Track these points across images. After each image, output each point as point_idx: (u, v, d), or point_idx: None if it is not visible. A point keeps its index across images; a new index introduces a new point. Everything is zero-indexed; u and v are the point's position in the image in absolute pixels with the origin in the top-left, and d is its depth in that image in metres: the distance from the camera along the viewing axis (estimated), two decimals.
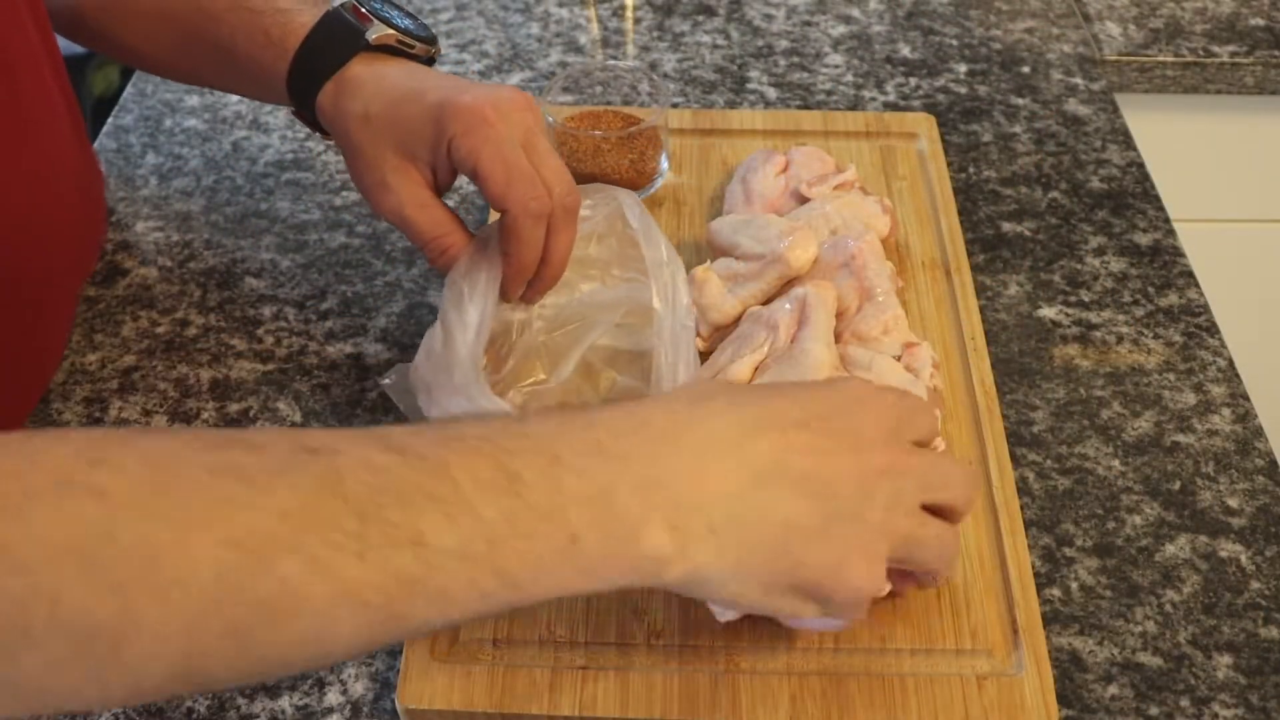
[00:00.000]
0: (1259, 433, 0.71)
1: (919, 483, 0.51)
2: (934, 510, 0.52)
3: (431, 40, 0.70)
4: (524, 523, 0.42)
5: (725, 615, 0.57)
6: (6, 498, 0.37)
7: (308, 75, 0.68)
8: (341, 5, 0.69)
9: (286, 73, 0.68)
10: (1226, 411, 0.72)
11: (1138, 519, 0.66)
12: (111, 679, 0.38)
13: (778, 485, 0.47)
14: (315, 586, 0.39)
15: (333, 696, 0.59)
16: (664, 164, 0.83)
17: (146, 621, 0.38)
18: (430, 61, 0.70)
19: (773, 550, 0.47)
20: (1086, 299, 0.80)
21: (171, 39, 0.74)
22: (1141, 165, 0.91)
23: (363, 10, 0.68)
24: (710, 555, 0.46)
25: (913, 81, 1.00)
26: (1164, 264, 0.83)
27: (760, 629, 0.58)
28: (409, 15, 0.70)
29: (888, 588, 0.51)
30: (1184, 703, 0.58)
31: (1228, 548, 0.65)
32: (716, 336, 0.71)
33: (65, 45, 0.79)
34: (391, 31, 0.68)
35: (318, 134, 0.72)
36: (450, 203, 0.86)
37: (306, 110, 0.69)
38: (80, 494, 0.38)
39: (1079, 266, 0.82)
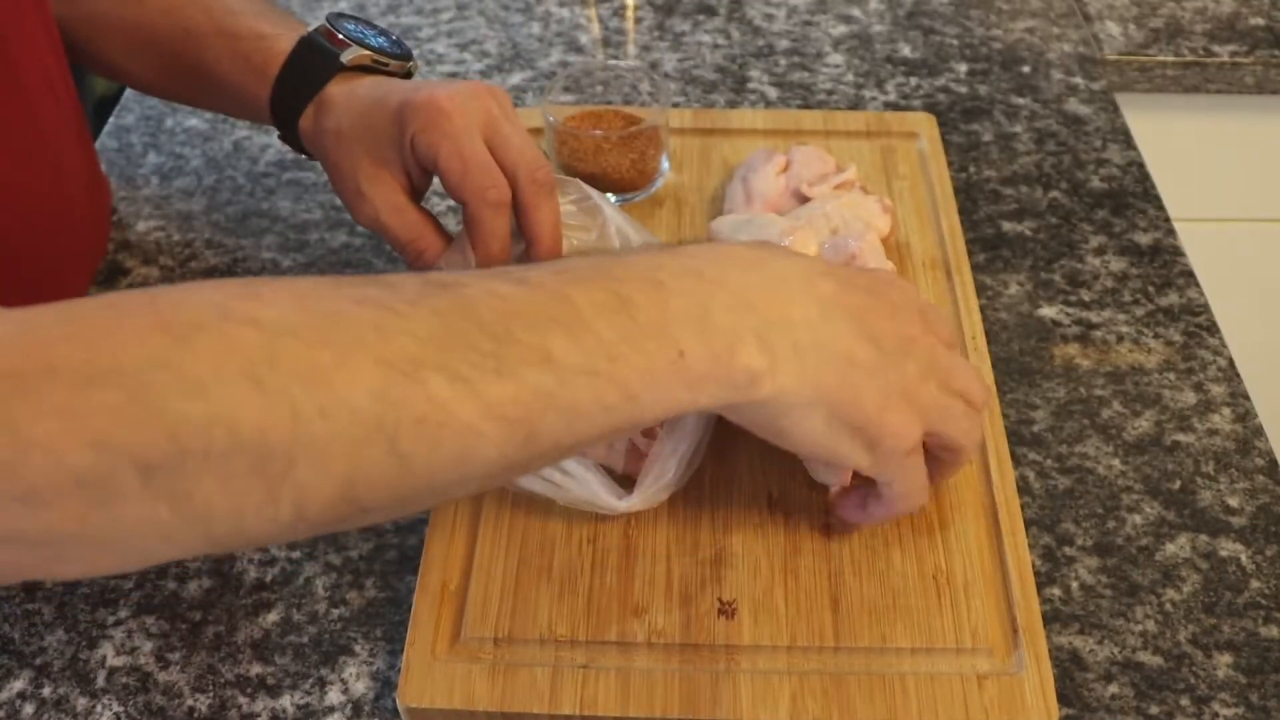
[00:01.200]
0: (1259, 432, 0.71)
1: (945, 364, 0.55)
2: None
3: (406, 56, 0.70)
4: (637, 340, 0.46)
5: (825, 476, 0.60)
6: (172, 327, 0.39)
7: (288, 101, 0.69)
8: (316, 30, 0.69)
9: (269, 100, 0.69)
10: (1227, 411, 0.72)
11: (1138, 518, 0.66)
12: (284, 498, 0.40)
13: (841, 321, 0.51)
14: (462, 402, 0.42)
15: (334, 695, 0.59)
16: (665, 164, 0.83)
17: (316, 439, 0.40)
18: (407, 76, 0.71)
19: (839, 379, 0.51)
20: (1087, 298, 0.80)
21: (156, 61, 0.75)
22: (1142, 165, 0.91)
23: (337, 34, 0.68)
24: (793, 375, 0.49)
25: (913, 81, 1.00)
26: (1164, 263, 0.83)
27: (761, 628, 0.58)
28: (383, 33, 0.71)
29: (920, 445, 0.55)
30: (1184, 702, 0.58)
31: (1228, 547, 0.65)
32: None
33: None
34: (366, 52, 0.68)
35: (303, 155, 0.72)
36: (446, 205, 0.86)
37: (290, 134, 0.70)
38: (241, 323, 0.40)
39: (1079, 266, 0.82)
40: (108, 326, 0.40)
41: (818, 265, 0.53)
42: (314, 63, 0.68)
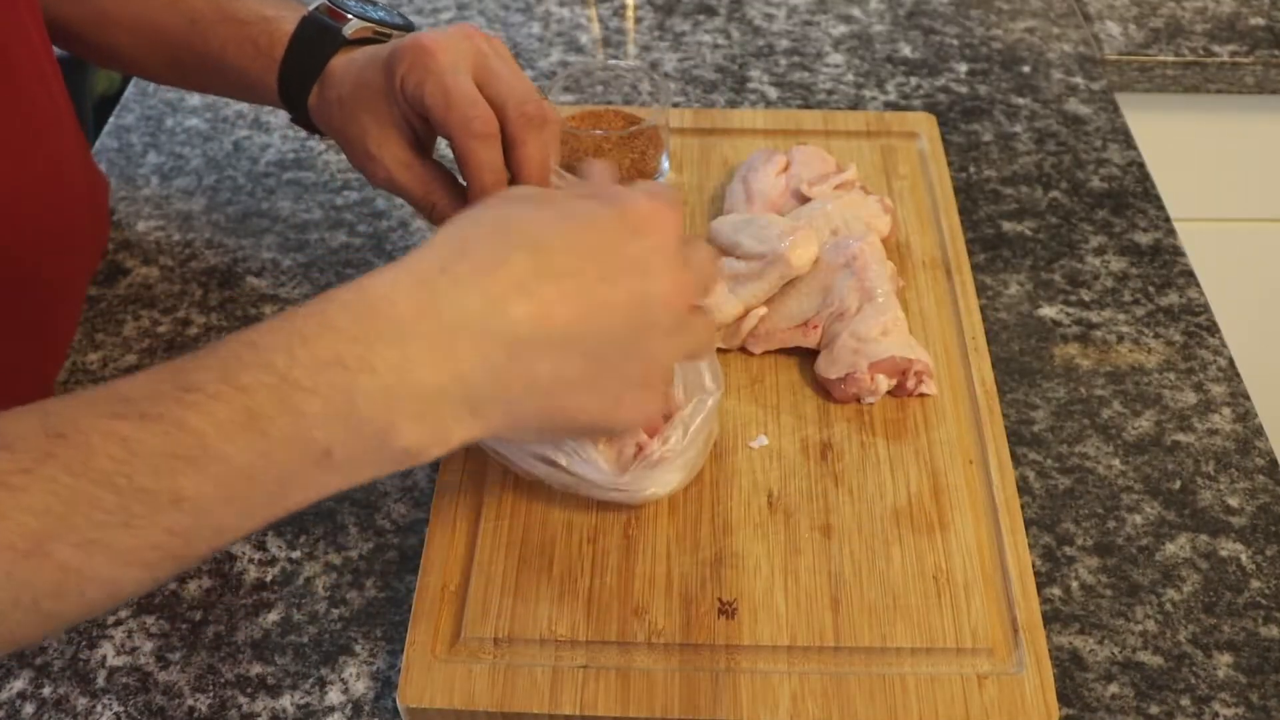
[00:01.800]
0: (1259, 432, 0.71)
1: (677, 288, 0.50)
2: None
3: (408, 28, 0.70)
4: (276, 454, 0.43)
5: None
6: None
7: (295, 81, 0.69)
8: (317, 7, 0.69)
9: (276, 80, 0.69)
10: (1227, 411, 0.72)
11: (1138, 518, 0.66)
12: None
13: (538, 350, 0.47)
14: (95, 561, 0.41)
15: (334, 695, 0.59)
16: (665, 163, 0.83)
17: None
18: None
19: (542, 409, 0.48)
20: (1087, 298, 0.80)
21: (161, 50, 0.74)
22: (1142, 165, 0.91)
23: (336, 9, 0.68)
24: (475, 430, 0.47)
25: (913, 81, 1.00)
26: (1164, 263, 0.83)
27: (761, 628, 0.58)
28: (383, 8, 0.71)
29: (673, 405, 0.54)
30: (1184, 701, 0.58)
31: (1228, 547, 0.65)
32: (718, 336, 0.71)
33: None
34: (367, 24, 0.68)
35: (317, 135, 0.72)
36: None
37: (301, 115, 0.70)
38: None
39: (1079, 266, 0.82)
40: None
41: (522, 276, 0.47)
42: (317, 39, 0.68)
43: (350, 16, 0.68)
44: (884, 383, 0.67)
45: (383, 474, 0.46)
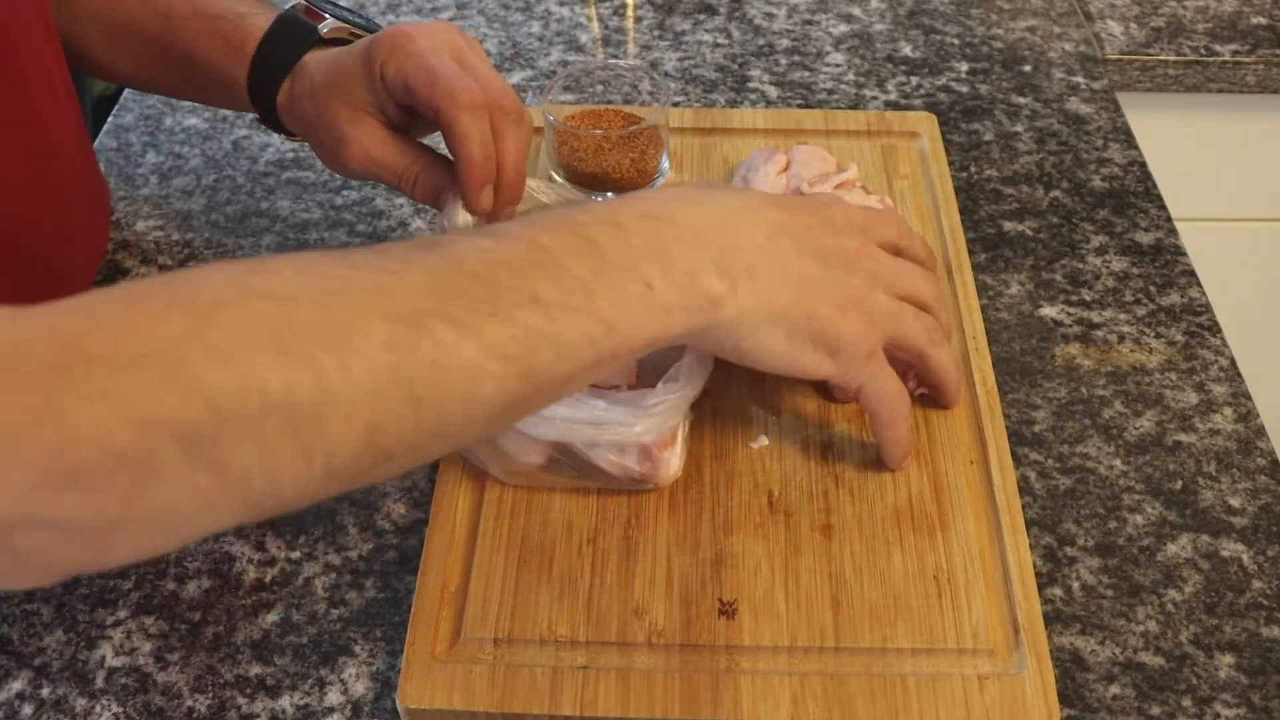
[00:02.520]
0: (1260, 432, 0.71)
1: (890, 272, 0.60)
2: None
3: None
4: (609, 276, 0.49)
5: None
6: (194, 306, 0.41)
7: (265, 78, 0.69)
8: (294, 6, 0.69)
9: (246, 77, 0.69)
10: (1228, 411, 0.72)
11: (1139, 518, 0.66)
12: (315, 454, 0.42)
13: (787, 243, 0.55)
14: (465, 345, 0.45)
15: (333, 696, 0.59)
16: (665, 163, 0.82)
17: (339, 395, 0.42)
18: None
19: (793, 297, 0.55)
20: (1088, 298, 0.80)
21: (135, 51, 0.75)
22: (1143, 164, 0.91)
23: (313, 8, 0.69)
24: (751, 295, 0.53)
25: (914, 80, 1.00)
26: (1165, 263, 0.82)
27: (761, 629, 0.58)
28: (360, 15, 0.72)
29: (879, 349, 0.59)
30: (1186, 702, 0.58)
31: (1229, 547, 0.65)
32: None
33: None
34: (344, 25, 0.69)
35: (283, 135, 0.72)
36: None
37: (269, 113, 0.70)
38: (256, 296, 0.42)
39: (1080, 265, 0.82)
40: (132, 312, 0.41)
41: (759, 196, 0.58)
42: (292, 36, 0.69)
43: (327, 16, 0.69)
44: None
45: (689, 325, 0.52)
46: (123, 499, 0.40)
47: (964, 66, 1.02)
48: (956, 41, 1.05)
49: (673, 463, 0.62)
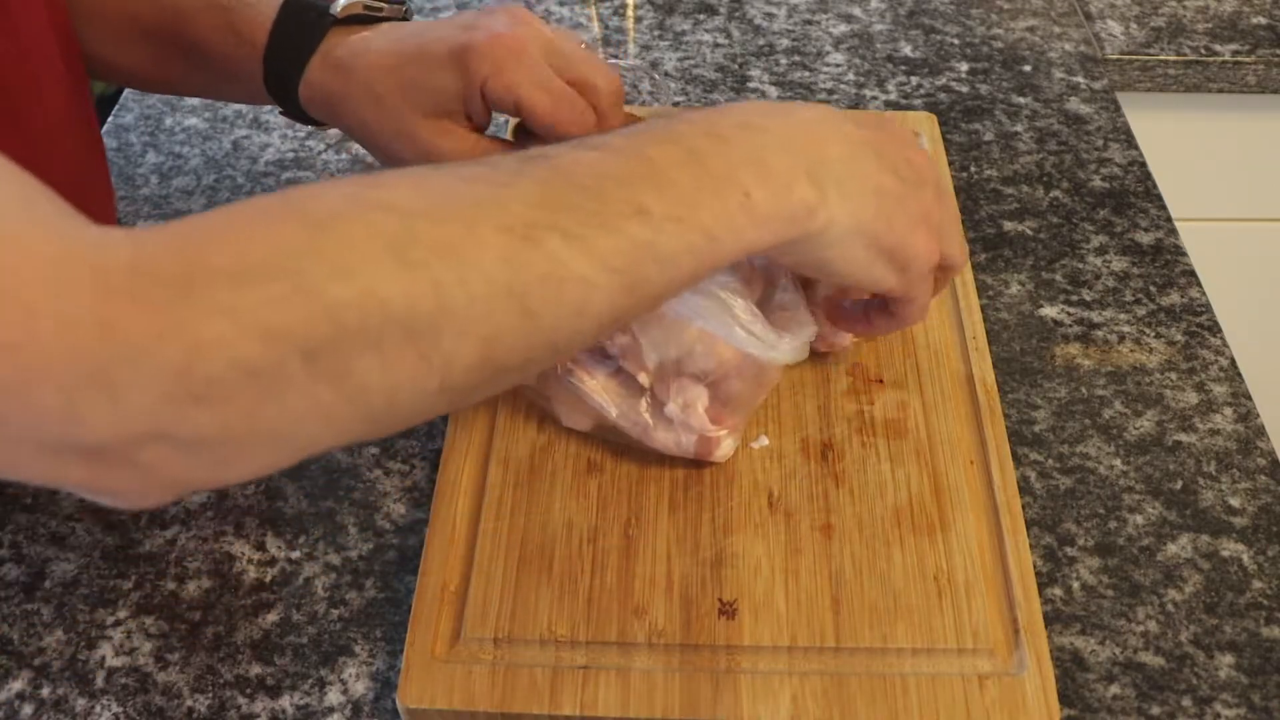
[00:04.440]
0: (1261, 432, 0.71)
1: (939, 185, 0.60)
2: None
3: (399, 5, 0.69)
4: (710, 186, 0.50)
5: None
6: (313, 219, 0.42)
7: (282, 67, 0.67)
8: None
9: (261, 68, 0.67)
10: (1228, 411, 0.72)
11: (1139, 518, 0.66)
12: (433, 366, 0.43)
13: (867, 157, 0.56)
14: (576, 257, 0.45)
15: (333, 696, 0.59)
16: None
17: (457, 307, 0.43)
18: (405, 20, 0.69)
19: (875, 208, 0.55)
20: (1088, 298, 0.80)
21: (146, 48, 0.73)
22: (1143, 164, 0.91)
23: None
24: (838, 206, 0.54)
25: (914, 80, 1.00)
26: (1166, 263, 0.82)
27: (761, 629, 0.58)
28: None
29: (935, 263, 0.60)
30: (1186, 702, 0.58)
31: (1230, 547, 0.65)
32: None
33: None
34: (356, 1, 0.67)
35: (310, 127, 0.71)
36: None
37: (290, 103, 0.68)
38: (372, 209, 0.43)
39: (1080, 265, 0.82)
40: (250, 226, 0.42)
41: (835, 111, 0.58)
42: (304, 20, 0.67)
43: None
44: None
45: (782, 235, 0.52)
46: (246, 413, 0.40)
47: (964, 66, 1.02)
48: (956, 41, 1.05)
49: (726, 443, 0.63)
